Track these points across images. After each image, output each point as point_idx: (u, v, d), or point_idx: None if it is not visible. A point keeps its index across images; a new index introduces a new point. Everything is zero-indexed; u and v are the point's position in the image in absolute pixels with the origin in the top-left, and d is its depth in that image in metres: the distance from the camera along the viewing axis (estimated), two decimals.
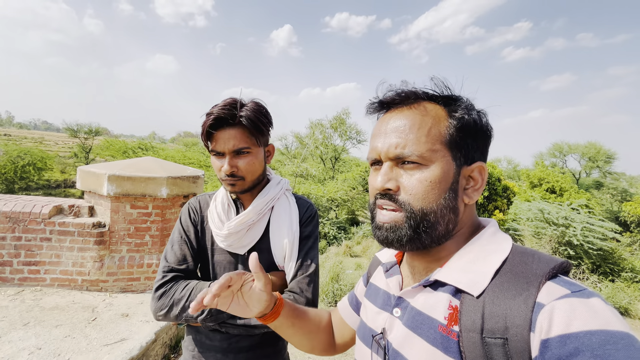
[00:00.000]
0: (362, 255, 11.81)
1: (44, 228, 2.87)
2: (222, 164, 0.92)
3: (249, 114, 0.90)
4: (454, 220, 0.55)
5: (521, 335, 0.43)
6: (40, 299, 2.71)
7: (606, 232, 10.72)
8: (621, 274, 10.83)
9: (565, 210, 11.55)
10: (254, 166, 0.94)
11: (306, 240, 1.01)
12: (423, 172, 0.53)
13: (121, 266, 2.99)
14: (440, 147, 0.53)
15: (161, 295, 0.91)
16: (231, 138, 0.90)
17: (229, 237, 0.97)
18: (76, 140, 29.68)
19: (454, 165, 0.54)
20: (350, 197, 18.18)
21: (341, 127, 24.72)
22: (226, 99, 0.94)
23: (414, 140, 0.53)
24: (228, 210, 1.01)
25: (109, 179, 2.91)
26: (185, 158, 23.83)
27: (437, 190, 0.52)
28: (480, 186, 0.56)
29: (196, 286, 0.92)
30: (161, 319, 0.91)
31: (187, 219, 1.03)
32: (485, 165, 0.57)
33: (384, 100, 0.59)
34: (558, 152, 30.35)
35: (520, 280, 0.46)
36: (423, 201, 0.52)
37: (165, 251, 1.00)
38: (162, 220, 3.12)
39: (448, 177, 0.53)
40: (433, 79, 0.56)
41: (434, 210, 0.52)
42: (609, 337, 0.38)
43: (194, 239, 1.01)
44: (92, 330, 2.31)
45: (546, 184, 20.08)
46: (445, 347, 0.49)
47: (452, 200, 0.53)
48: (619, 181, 29.07)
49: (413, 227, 0.53)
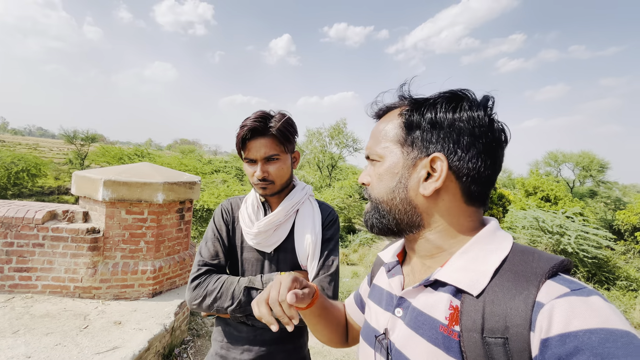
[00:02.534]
0: (359, 264, 11.74)
1: (36, 234, 2.83)
2: (254, 169, 1.02)
3: (278, 124, 1.01)
4: (412, 211, 0.58)
5: (521, 334, 0.43)
6: (30, 306, 2.65)
7: (600, 240, 10.79)
8: (616, 282, 10.87)
9: (560, 218, 11.64)
10: (282, 171, 1.04)
11: (328, 242, 1.09)
12: (377, 167, 0.61)
13: (115, 273, 2.94)
14: (390, 144, 0.60)
15: (196, 287, 1.01)
16: (263, 147, 1.00)
17: (258, 235, 1.05)
18: (72, 147, 29.46)
19: (402, 159, 0.58)
20: (346, 205, 18.16)
21: (338, 137, 24.88)
22: (257, 112, 1.03)
23: (373, 141, 0.63)
24: (257, 211, 1.10)
25: (104, 184, 2.89)
26: (181, 165, 23.71)
27: (385, 181, 0.59)
28: (439, 177, 0.54)
29: (227, 279, 1.01)
30: (195, 308, 1.01)
31: (220, 219, 1.13)
32: (439, 155, 0.54)
33: (373, 116, 0.68)
34: (553, 160, 30.70)
35: (520, 279, 0.47)
36: (376, 191, 0.61)
37: (200, 247, 1.11)
38: (157, 226, 3.09)
39: (394, 169, 0.58)
40: (402, 87, 0.62)
41: (383, 200, 0.60)
42: (609, 335, 0.38)
43: (225, 237, 1.11)
44: (84, 339, 2.26)
45: (541, 193, 20.25)
46: (446, 347, 0.49)
47: (402, 191, 0.58)
48: (612, 190, 29.41)
49: (376, 214, 0.61)
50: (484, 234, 0.56)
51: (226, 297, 0.97)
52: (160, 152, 41.76)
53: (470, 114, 0.54)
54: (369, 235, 15.58)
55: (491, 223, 0.58)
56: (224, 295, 0.98)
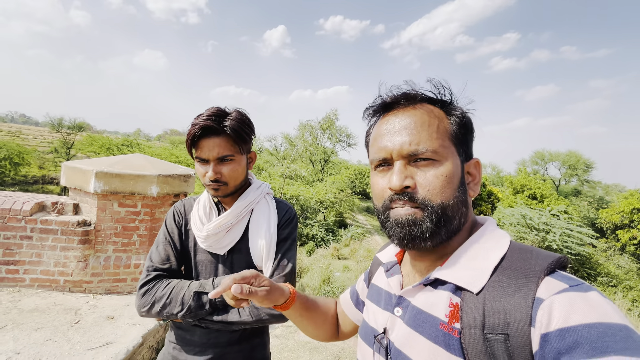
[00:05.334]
0: (350, 258, 11.85)
1: (24, 226, 2.74)
2: (206, 170, 0.97)
3: (233, 123, 0.96)
4: (466, 213, 0.56)
5: (522, 330, 0.43)
6: (18, 300, 2.57)
7: (584, 238, 11.16)
8: (597, 278, 11.28)
9: (546, 216, 11.96)
10: (237, 172, 1.00)
11: (284, 242, 1.06)
12: (438, 168, 0.53)
13: (107, 266, 2.88)
14: (449, 144, 0.55)
15: (144, 293, 0.97)
16: (216, 146, 0.95)
17: (208, 238, 1.02)
18: (57, 135, 28.57)
19: (459, 161, 0.56)
20: (338, 200, 18.22)
21: (330, 129, 24.81)
22: (211, 108, 0.98)
23: (427, 136, 0.53)
24: (209, 213, 1.06)
25: (96, 176, 2.80)
26: (172, 156, 23.31)
27: (452, 184, 0.54)
28: (479, 180, 0.59)
29: (177, 285, 0.98)
30: (144, 315, 0.97)
31: (172, 222, 1.09)
32: (479, 160, 0.60)
33: (387, 101, 0.59)
34: (540, 159, 31.41)
35: (520, 276, 0.47)
36: (441, 196, 0.53)
37: (150, 251, 1.06)
38: (151, 219, 3.03)
39: (458, 172, 0.55)
40: (431, 80, 0.58)
41: (451, 205, 0.53)
42: (607, 329, 0.38)
43: (177, 240, 1.07)
44: (75, 334, 2.21)
45: (528, 191, 20.74)
46: (447, 344, 0.49)
47: (464, 194, 0.56)
48: (596, 189, 30.34)
49: (434, 221, 0.53)
50: (481, 233, 0.57)
51: (175, 303, 0.94)
52: (150, 143, 40.93)
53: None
54: (360, 230, 15.71)
55: (488, 221, 0.59)
56: (174, 301, 0.94)
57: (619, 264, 14.41)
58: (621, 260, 15.00)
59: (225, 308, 0.98)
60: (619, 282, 11.22)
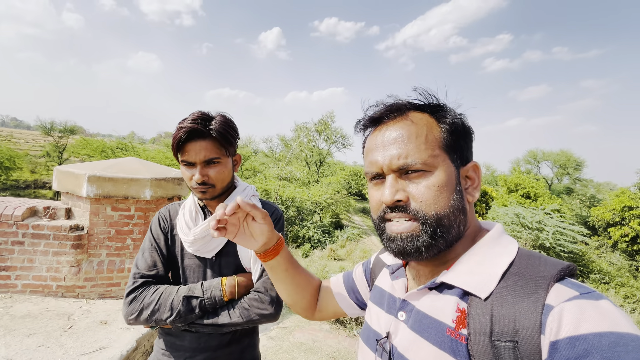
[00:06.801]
0: (346, 259, 11.86)
1: (16, 231, 2.71)
2: (192, 173, 0.98)
3: (218, 126, 0.97)
4: (464, 220, 0.55)
5: (532, 337, 0.42)
6: (10, 306, 2.55)
7: (576, 236, 11.31)
8: (590, 275, 11.43)
9: (539, 214, 12.10)
10: (223, 174, 1.01)
11: None
12: (429, 179, 0.53)
13: (100, 271, 2.86)
14: (440, 152, 0.54)
15: (132, 301, 0.97)
16: (202, 149, 0.96)
17: (195, 242, 1.02)
18: (49, 139, 28.19)
19: (453, 167, 0.55)
20: (334, 201, 18.24)
21: (326, 131, 24.84)
22: (195, 112, 0.99)
23: (415, 148, 0.53)
24: (196, 217, 1.06)
25: (89, 180, 2.79)
26: (166, 159, 23.13)
27: (446, 193, 0.53)
28: (478, 184, 0.58)
29: (165, 290, 0.97)
30: (132, 322, 0.96)
31: (157, 228, 1.09)
32: (478, 163, 0.59)
33: (374, 117, 0.59)
34: (533, 159, 31.76)
35: (529, 282, 0.46)
36: (435, 206, 0.52)
37: (136, 258, 1.06)
38: (144, 223, 3.02)
39: (452, 180, 0.54)
40: (417, 89, 0.58)
41: (446, 214, 0.52)
42: (618, 338, 0.37)
43: (163, 246, 1.07)
44: (68, 339, 2.20)
45: (522, 190, 20.96)
46: (453, 350, 0.48)
47: (460, 201, 0.54)
48: (588, 188, 30.75)
49: (430, 233, 0.52)
50: (489, 238, 0.56)
51: (164, 309, 0.94)
52: (144, 146, 40.61)
53: (469, 124, 0.60)
54: (356, 231, 15.74)
55: (496, 227, 0.58)
56: (162, 306, 0.94)
57: (611, 261, 14.61)
58: (613, 258, 15.21)
59: (215, 311, 0.98)
60: (611, 279, 11.38)
